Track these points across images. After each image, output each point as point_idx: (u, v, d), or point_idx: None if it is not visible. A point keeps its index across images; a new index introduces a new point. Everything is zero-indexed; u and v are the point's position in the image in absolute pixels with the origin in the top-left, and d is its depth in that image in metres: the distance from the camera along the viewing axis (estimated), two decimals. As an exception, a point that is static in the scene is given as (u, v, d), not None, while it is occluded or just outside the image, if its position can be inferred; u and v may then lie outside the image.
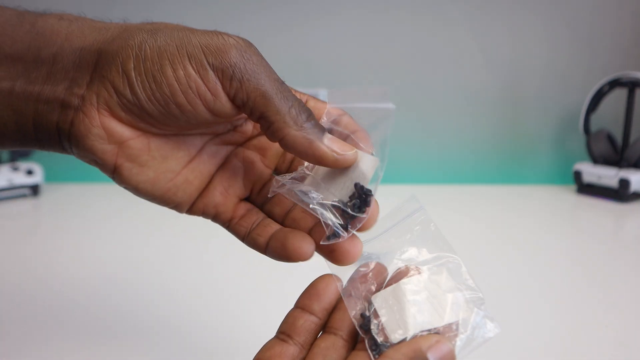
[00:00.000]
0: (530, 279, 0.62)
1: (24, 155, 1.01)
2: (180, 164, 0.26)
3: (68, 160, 1.08)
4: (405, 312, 0.25)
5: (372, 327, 0.25)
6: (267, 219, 0.28)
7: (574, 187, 1.11)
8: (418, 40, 1.11)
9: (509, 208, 0.96)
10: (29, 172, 0.96)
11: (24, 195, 0.98)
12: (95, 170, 0.29)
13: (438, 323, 0.25)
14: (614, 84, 1.05)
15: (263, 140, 0.29)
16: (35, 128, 0.24)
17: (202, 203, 0.28)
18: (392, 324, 0.25)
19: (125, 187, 0.27)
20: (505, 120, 1.16)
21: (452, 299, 0.26)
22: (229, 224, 0.28)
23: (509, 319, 0.52)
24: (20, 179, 0.95)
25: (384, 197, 0.30)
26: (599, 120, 1.12)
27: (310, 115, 0.25)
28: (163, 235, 0.76)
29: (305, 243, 0.25)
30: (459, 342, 0.25)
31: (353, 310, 0.26)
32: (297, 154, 0.25)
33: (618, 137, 1.08)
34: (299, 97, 0.26)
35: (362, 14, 1.09)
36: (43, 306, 0.53)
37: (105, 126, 0.24)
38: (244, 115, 0.25)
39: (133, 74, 0.23)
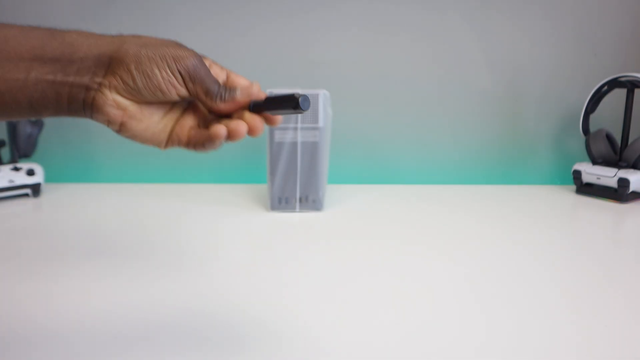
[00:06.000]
0: (530, 278, 0.63)
1: (25, 156, 1.01)
2: (159, 117, 0.43)
3: (68, 161, 1.09)
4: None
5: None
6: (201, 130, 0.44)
7: (573, 187, 1.12)
8: (418, 41, 1.11)
9: (509, 208, 0.96)
10: (30, 172, 0.97)
11: (25, 195, 0.98)
12: (95, 170, 0.43)
13: None
14: (613, 84, 1.05)
15: None
16: (69, 102, 0.39)
17: (173, 135, 0.44)
18: None
19: (126, 135, 0.42)
20: (505, 121, 1.16)
21: None
22: (187, 143, 0.44)
23: (508, 318, 0.52)
24: (21, 179, 0.96)
25: (384, 197, 0.31)
26: (598, 120, 1.12)
27: (227, 90, 0.43)
28: (161, 233, 0.77)
29: (219, 128, 0.42)
30: None
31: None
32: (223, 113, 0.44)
33: (617, 137, 1.08)
34: (223, 71, 0.45)
35: (363, 15, 1.09)
36: (43, 305, 0.54)
37: (114, 99, 0.40)
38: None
39: (134, 72, 0.39)
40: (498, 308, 0.55)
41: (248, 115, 0.42)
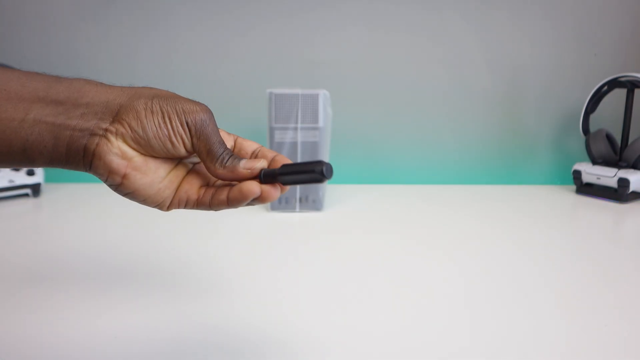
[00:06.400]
0: (530, 278, 0.63)
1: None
2: (165, 172, 0.40)
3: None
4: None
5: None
6: (222, 188, 0.41)
7: (573, 187, 1.12)
8: (418, 41, 1.11)
9: (509, 208, 0.96)
10: (30, 172, 0.97)
11: (25, 195, 0.98)
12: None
13: None
14: (613, 84, 1.05)
15: None
16: (67, 148, 0.36)
17: (178, 194, 0.41)
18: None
19: (127, 191, 0.38)
20: (505, 121, 1.16)
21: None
22: (197, 203, 0.41)
23: (508, 317, 0.52)
24: (22, 178, 0.96)
25: (384, 197, 0.31)
26: (598, 120, 1.12)
27: (232, 156, 0.40)
28: (161, 233, 0.77)
29: (253, 185, 0.39)
30: None
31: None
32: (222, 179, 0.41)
33: (617, 137, 1.08)
34: (230, 137, 0.44)
35: (363, 15, 1.09)
36: (43, 305, 0.54)
37: (120, 148, 0.37)
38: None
39: (145, 121, 0.37)
40: (498, 307, 0.55)
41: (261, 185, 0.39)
